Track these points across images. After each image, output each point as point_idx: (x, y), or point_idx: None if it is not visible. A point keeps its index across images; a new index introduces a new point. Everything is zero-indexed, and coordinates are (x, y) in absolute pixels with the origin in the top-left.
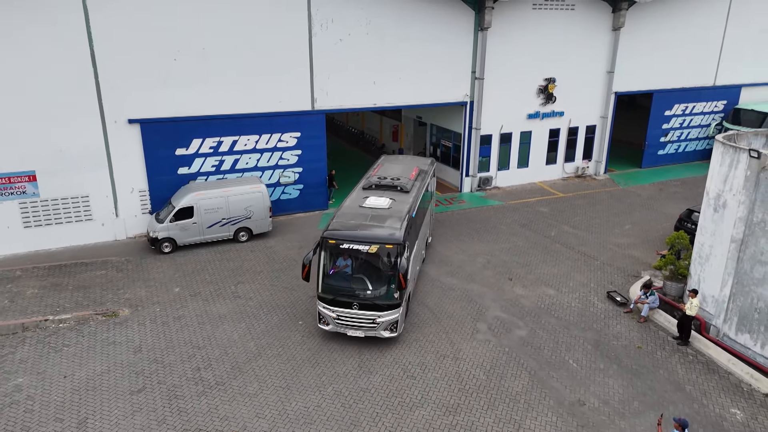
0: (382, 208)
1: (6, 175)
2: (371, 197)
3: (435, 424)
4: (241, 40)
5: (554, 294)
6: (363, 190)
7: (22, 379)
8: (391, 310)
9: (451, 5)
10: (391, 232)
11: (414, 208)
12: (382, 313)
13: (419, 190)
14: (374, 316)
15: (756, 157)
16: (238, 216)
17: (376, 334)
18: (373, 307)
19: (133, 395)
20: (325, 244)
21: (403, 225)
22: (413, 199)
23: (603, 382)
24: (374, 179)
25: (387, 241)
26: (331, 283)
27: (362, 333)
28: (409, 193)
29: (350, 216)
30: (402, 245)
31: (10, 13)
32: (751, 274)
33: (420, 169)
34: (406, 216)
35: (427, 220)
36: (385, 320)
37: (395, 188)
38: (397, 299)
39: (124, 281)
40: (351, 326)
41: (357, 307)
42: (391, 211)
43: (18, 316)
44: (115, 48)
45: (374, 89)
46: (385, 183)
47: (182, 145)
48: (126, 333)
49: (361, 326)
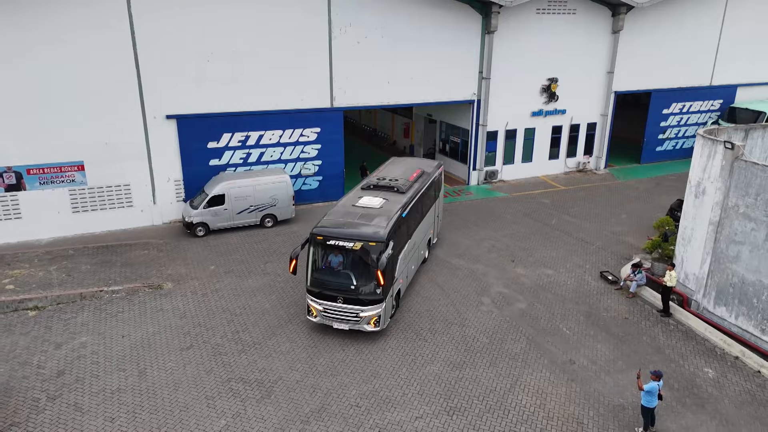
0: (373, 207)
1: (58, 165)
2: (365, 197)
3: (444, 377)
4: (268, 43)
5: (552, 274)
6: (361, 189)
7: (86, 338)
8: (374, 305)
9: (460, 10)
10: (375, 231)
11: (406, 208)
12: (365, 307)
13: (417, 191)
14: (357, 310)
15: (730, 148)
16: (264, 203)
17: (359, 327)
18: (356, 302)
19: (183, 351)
20: (314, 240)
21: (389, 224)
22: (407, 200)
23: (592, 346)
24: (373, 180)
25: (370, 238)
26: (319, 277)
27: (346, 326)
28: (404, 194)
29: (341, 214)
30: (384, 243)
31: (66, 20)
32: (727, 253)
33: (423, 171)
34: (394, 216)
35: (429, 221)
36: (367, 315)
37: (392, 189)
38: (379, 295)
39: (165, 260)
40: (336, 319)
41: (341, 301)
42: (381, 211)
43: (76, 287)
44: (155, 51)
45: (388, 88)
46: (383, 184)
47: (213, 139)
48: (171, 302)
49: (345, 319)
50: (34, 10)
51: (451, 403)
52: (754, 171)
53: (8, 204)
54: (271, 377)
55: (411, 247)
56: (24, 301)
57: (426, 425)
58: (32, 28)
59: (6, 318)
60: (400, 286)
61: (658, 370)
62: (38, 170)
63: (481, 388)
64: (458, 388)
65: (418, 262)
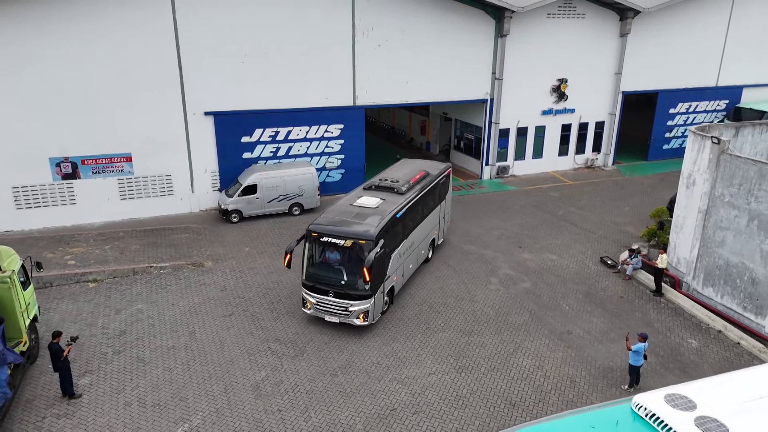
0: (369, 207)
1: (108, 156)
2: (364, 196)
3: (454, 341)
4: (297, 46)
5: (556, 258)
6: (363, 189)
7: (141, 305)
8: (362, 300)
9: (475, 15)
10: (366, 229)
11: (402, 209)
12: (354, 302)
13: (417, 193)
14: (347, 304)
15: (716, 143)
16: (292, 193)
17: (349, 321)
18: (346, 296)
19: (226, 317)
20: (309, 236)
21: (381, 224)
22: (405, 201)
23: (588, 320)
24: (375, 180)
25: (360, 237)
26: (313, 271)
27: (337, 319)
28: (403, 195)
29: (338, 212)
30: (374, 242)
31: (118, 26)
32: (714, 238)
33: (427, 173)
34: (388, 216)
35: (431, 222)
36: (356, 309)
37: (391, 190)
38: (368, 291)
39: (204, 242)
40: (328, 312)
41: (332, 295)
42: (376, 210)
43: (129, 263)
44: (196, 53)
45: (406, 88)
46: (384, 184)
47: (246, 134)
48: (212, 278)
49: (336, 313)
50: (91, 15)
51: (461, 363)
52: (737, 163)
53: (64, 191)
54: (303, 339)
55: (408, 246)
56: (85, 275)
57: (438, 380)
58: (89, 32)
59: (70, 288)
60: (393, 283)
61: (645, 333)
62: (91, 161)
63: (487, 352)
64: (467, 351)
65: (418, 261)
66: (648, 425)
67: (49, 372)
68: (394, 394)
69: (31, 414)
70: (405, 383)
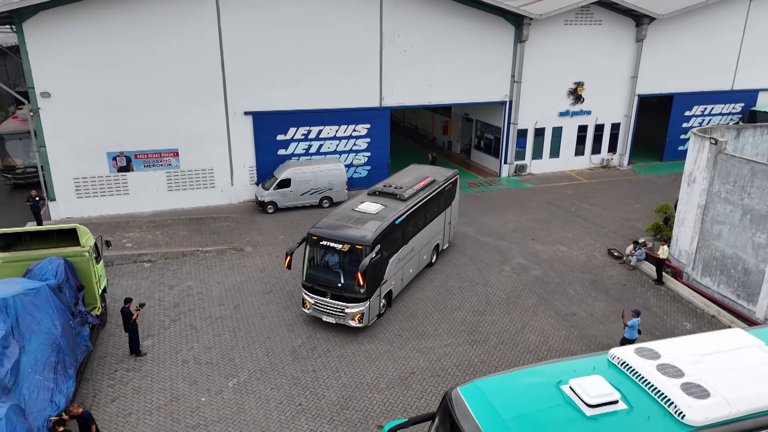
0: (369, 212)
1: (158, 151)
2: (366, 202)
3: (468, 319)
4: (329, 52)
5: (566, 250)
6: (367, 195)
7: (191, 283)
8: (357, 303)
9: (495, 22)
10: (363, 235)
11: (403, 216)
12: (349, 304)
13: (420, 200)
14: (343, 306)
15: (714, 144)
16: (322, 187)
17: (345, 322)
18: (342, 299)
19: (265, 294)
20: (309, 239)
21: (379, 230)
22: (405, 208)
23: (592, 304)
24: (379, 186)
25: (357, 242)
26: (312, 273)
27: (333, 320)
28: (404, 201)
29: (338, 217)
30: (369, 247)
31: (169, 33)
32: (711, 231)
33: (432, 180)
34: (386, 222)
35: (435, 228)
36: (351, 311)
37: (394, 196)
38: (363, 294)
39: (243, 230)
40: (325, 313)
41: (329, 296)
42: (375, 217)
43: (178, 246)
44: (238, 58)
45: (430, 90)
46: (387, 190)
47: (281, 132)
48: (252, 261)
49: (333, 314)
50: (150, 28)
51: (473, 337)
52: (732, 162)
53: (119, 182)
54: None
55: (407, 252)
56: (140, 256)
57: (452, 350)
58: (148, 42)
59: (128, 267)
60: (391, 287)
61: (638, 309)
62: (143, 155)
63: (497, 328)
64: (479, 328)
65: (419, 266)
66: (619, 371)
67: (117, 334)
68: (413, 360)
69: (105, 367)
70: (423, 352)
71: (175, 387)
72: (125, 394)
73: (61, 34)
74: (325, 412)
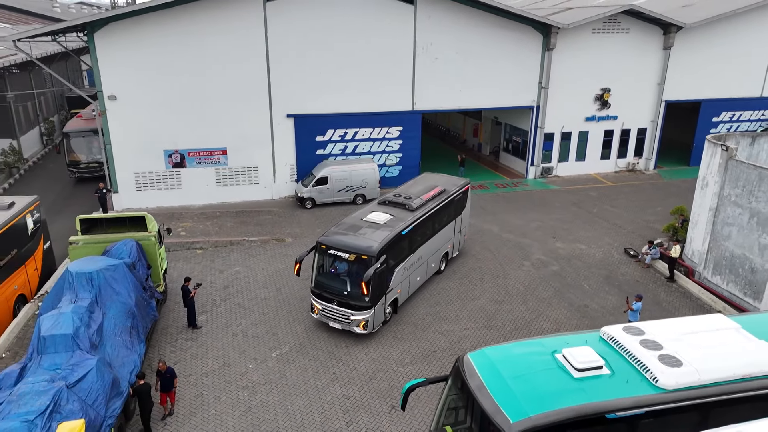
0: (377, 222)
1: (209, 150)
2: (375, 212)
3: (487, 307)
4: (365, 59)
5: (585, 248)
6: (377, 204)
7: (238, 268)
8: (362, 311)
9: (523, 31)
10: (369, 245)
11: (410, 226)
12: (354, 312)
13: (429, 210)
14: (348, 313)
15: (725, 150)
16: (356, 185)
17: (350, 328)
18: (348, 306)
19: (305, 280)
20: (318, 248)
21: (385, 240)
22: (413, 218)
23: (604, 297)
24: (389, 195)
25: (363, 252)
26: (320, 280)
27: (340, 326)
28: (413, 212)
29: (347, 226)
30: (375, 258)
31: (220, 41)
32: (722, 233)
33: (443, 190)
34: (393, 233)
35: (444, 237)
36: (356, 319)
37: (403, 206)
38: (368, 303)
39: (284, 223)
40: (331, 318)
41: (336, 303)
42: (383, 227)
43: (226, 236)
44: (282, 65)
45: (460, 95)
46: (397, 200)
47: (320, 134)
48: (292, 250)
49: (339, 320)
50: (207, 37)
51: (491, 323)
52: (742, 168)
53: (174, 177)
54: None
55: (414, 261)
56: (194, 243)
57: (471, 333)
58: (203, 49)
59: (183, 253)
60: (397, 295)
61: (640, 294)
62: (195, 153)
63: (513, 316)
64: (496, 315)
65: (427, 274)
66: (607, 344)
67: (176, 310)
68: (435, 341)
69: (167, 337)
70: (444, 334)
71: (227, 355)
72: (185, 359)
73: (127, 42)
74: (356, 381)
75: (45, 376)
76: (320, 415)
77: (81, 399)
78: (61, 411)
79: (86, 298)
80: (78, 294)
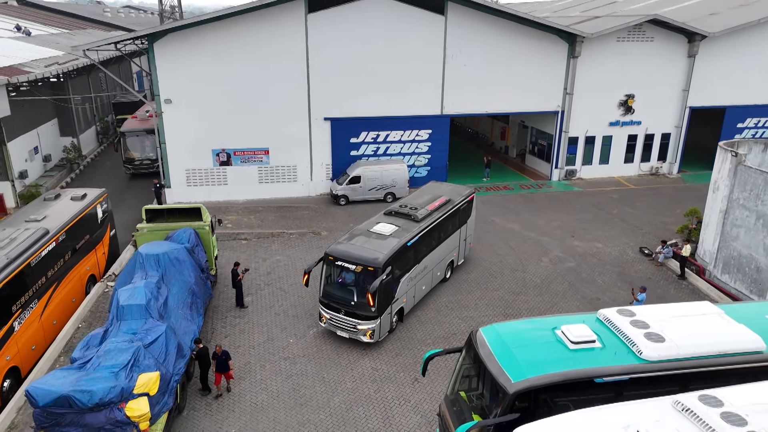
0: (383, 234)
1: (252, 150)
2: (381, 223)
3: (505, 298)
4: (397, 65)
5: (601, 246)
6: (383, 215)
7: (279, 257)
8: (369, 320)
9: (549, 39)
10: (375, 257)
11: (415, 237)
12: (360, 321)
13: (434, 220)
14: (355, 323)
15: (735, 156)
16: (387, 184)
17: (357, 337)
18: (354, 316)
19: None
20: (326, 259)
21: (390, 252)
22: (419, 229)
23: (616, 292)
24: (395, 206)
25: (369, 263)
26: (328, 290)
27: (347, 335)
28: (419, 222)
29: (354, 237)
30: (381, 269)
31: (266, 50)
32: (730, 234)
33: (448, 200)
34: (398, 245)
35: (450, 246)
36: (363, 328)
37: (408, 217)
38: (374, 313)
39: (319, 217)
40: (339, 327)
41: (343, 313)
42: (388, 238)
43: (268, 228)
44: (320, 72)
45: (487, 100)
46: (403, 211)
47: (354, 136)
48: (328, 242)
49: (346, 329)
50: (254, 45)
51: (507, 311)
52: (749, 173)
53: (221, 174)
54: None
55: (420, 270)
56: (239, 234)
57: (489, 320)
58: (251, 58)
59: (230, 243)
60: (402, 304)
61: (644, 286)
62: (240, 152)
63: (529, 306)
64: (513, 305)
65: (432, 283)
66: (602, 323)
67: (225, 292)
68: (455, 325)
69: (218, 314)
70: (464, 319)
71: (270, 331)
72: (234, 333)
73: (182, 51)
74: (383, 356)
75: (125, 338)
76: (351, 383)
77: (154, 357)
78: (140, 365)
79: (154, 276)
80: (147, 272)
